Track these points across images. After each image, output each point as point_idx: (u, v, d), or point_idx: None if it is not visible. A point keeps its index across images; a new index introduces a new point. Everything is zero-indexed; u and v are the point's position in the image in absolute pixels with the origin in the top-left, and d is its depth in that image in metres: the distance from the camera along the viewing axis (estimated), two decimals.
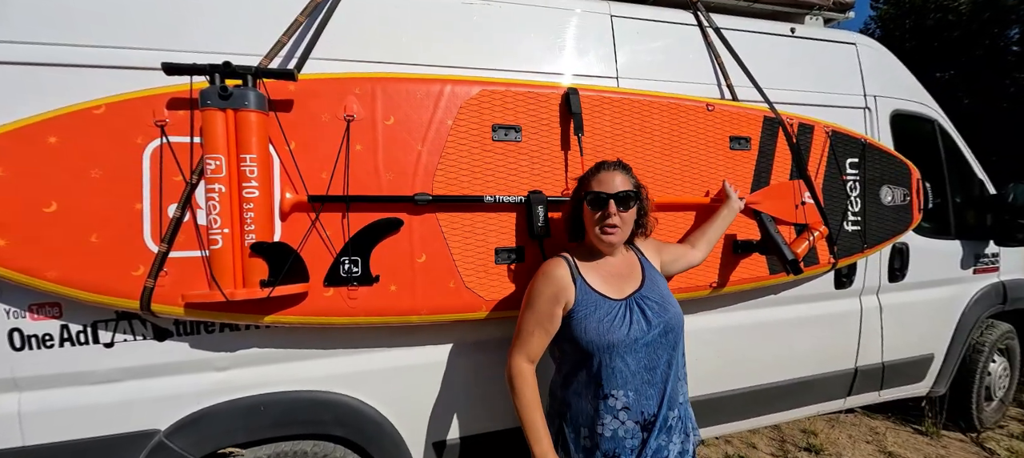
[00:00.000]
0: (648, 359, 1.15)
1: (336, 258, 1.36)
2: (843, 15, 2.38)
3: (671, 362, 1.18)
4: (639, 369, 1.14)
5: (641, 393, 1.15)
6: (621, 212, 1.20)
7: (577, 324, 1.16)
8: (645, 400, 1.15)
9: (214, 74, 1.19)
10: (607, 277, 1.23)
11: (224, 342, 1.43)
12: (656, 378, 1.16)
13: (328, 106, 1.37)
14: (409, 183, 1.43)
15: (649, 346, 1.15)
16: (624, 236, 1.24)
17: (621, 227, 1.21)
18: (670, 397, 1.17)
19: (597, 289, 1.19)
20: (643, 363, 1.15)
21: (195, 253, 1.27)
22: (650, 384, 1.15)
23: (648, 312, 1.17)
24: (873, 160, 2.09)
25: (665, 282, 1.31)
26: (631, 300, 1.19)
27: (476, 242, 1.50)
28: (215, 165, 1.18)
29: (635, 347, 1.13)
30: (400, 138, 1.42)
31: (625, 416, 1.14)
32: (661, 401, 1.16)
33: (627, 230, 1.24)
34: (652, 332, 1.15)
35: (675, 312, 1.21)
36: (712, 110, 1.77)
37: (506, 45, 1.69)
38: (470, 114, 1.49)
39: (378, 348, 1.57)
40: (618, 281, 1.23)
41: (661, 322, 1.16)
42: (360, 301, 1.39)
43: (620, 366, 1.13)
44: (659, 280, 1.28)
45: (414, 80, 1.46)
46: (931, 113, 2.49)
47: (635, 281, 1.25)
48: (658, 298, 1.20)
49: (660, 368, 1.16)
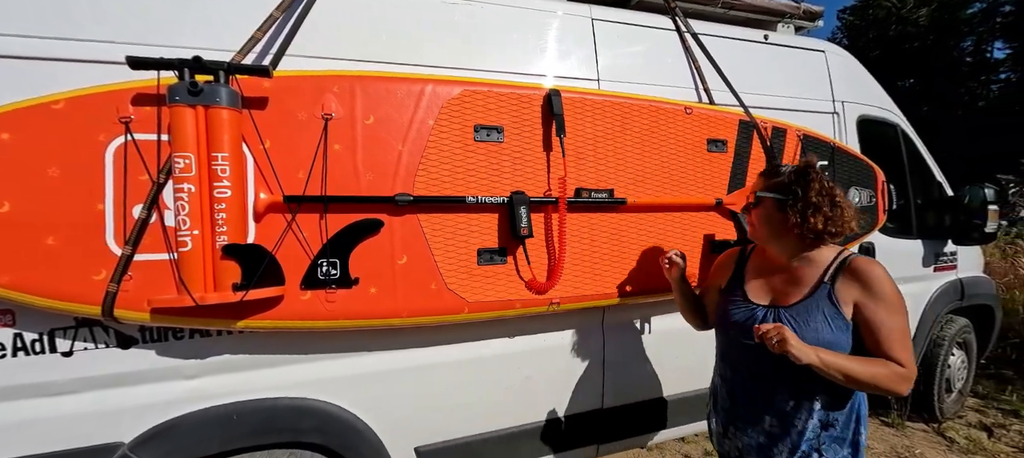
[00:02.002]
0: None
1: (314, 260, 1.32)
2: (813, 23, 2.48)
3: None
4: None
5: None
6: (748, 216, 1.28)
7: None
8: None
9: (183, 69, 1.14)
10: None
11: (194, 348, 1.37)
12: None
13: (305, 104, 1.33)
14: (389, 183, 1.40)
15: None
16: (758, 237, 1.25)
17: (753, 228, 1.26)
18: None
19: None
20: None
21: (162, 256, 1.21)
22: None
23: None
24: (841, 163, 2.17)
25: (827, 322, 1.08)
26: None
27: (458, 243, 1.49)
28: (184, 163, 1.13)
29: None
30: (380, 138, 1.40)
31: None
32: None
33: (758, 232, 1.24)
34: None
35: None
36: (690, 113, 1.81)
37: (488, 46, 1.69)
38: (452, 114, 1.48)
39: (358, 352, 1.53)
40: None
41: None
42: (339, 304, 1.35)
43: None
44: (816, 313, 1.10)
45: (395, 79, 1.44)
46: (894, 118, 2.61)
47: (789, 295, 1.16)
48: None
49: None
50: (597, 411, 1.88)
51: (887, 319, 1.05)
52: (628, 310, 1.87)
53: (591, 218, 1.65)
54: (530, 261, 1.55)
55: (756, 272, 1.26)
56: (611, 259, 1.68)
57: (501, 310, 1.54)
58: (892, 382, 1.02)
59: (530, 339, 1.74)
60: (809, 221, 1.09)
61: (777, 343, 0.97)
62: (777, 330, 0.98)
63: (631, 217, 1.72)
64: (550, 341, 1.77)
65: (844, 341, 1.07)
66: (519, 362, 1.72)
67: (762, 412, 1.16)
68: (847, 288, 1.08)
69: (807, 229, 1.10)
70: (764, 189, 1.19)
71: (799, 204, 1.11)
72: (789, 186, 1.14)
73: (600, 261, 1.66)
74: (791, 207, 1.12)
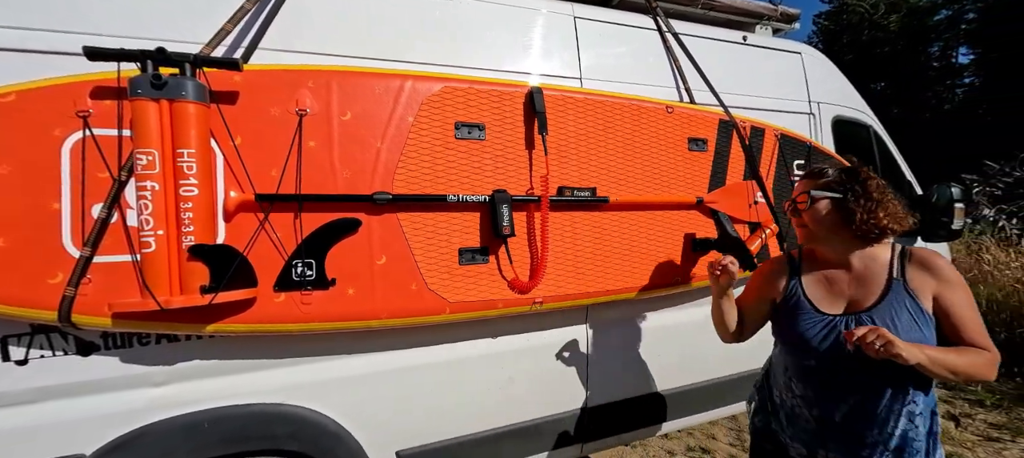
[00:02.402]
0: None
1: (288, 261, 1.28)
2: (789, 26, 2.53)
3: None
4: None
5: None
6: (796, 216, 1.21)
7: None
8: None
9: (146, 61, 1.08)
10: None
11: (161, 354, 1.31)
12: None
13: (278, 99, 1.29)
14: (368, 181, 1.37)
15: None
16: (812, 237, 1.18)
17: (805, 229, 1.20)
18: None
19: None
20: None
21: (124, 257, 1.15)
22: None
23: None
24: (817, 162, 2.22)
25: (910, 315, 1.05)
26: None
27: (439, 242, 1.46)
28: (147, 160, 1.07)
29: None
30: (358, 134, 1.36)
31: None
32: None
33: (813, 233, 1.18)
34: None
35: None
36: (671, 112, 1.82)
37: (469, 42, 1.67)
38: (432, 111, 1.45)
39: (336, 355, 1.49)
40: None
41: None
42: (315, 306, 1.31)
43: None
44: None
45: (373, 74, 1.40)
46: (867, 120, 2.69)
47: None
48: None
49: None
50: (581, 410, 1.87)
51: (967, 307, 1.04)
52: (612, 308, 1.87)
53: (574, 216, 1.65)
54: (512, 260, 1.53)
55: (814, 280, 1.18)
56: (594, 258, 1.68)
57: (483, 310, 1.51)
58: (988, 369, 1.00)
59: (513, 339, 1.72)
60: (877, 216, 1.07)
61: (882, 347, 0.90)
62: (875, 333, 0.92)
63: (614, 215, 1.72)
64: (533, 341, 1.76)
65: (931, 335, 1.04)
66: (502, 362, 1.71)
67: (864, 425, 1.07)
68: (921, 280, 1.06)
69: (872, 225, 1.07)
70: (818, 189, 1.15)
71: (861, 201, 1.08)
72: (846, 184, 1.11)
73: (583, 260, 1.66)
74: (854, 204, 1.08)
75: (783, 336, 1.23)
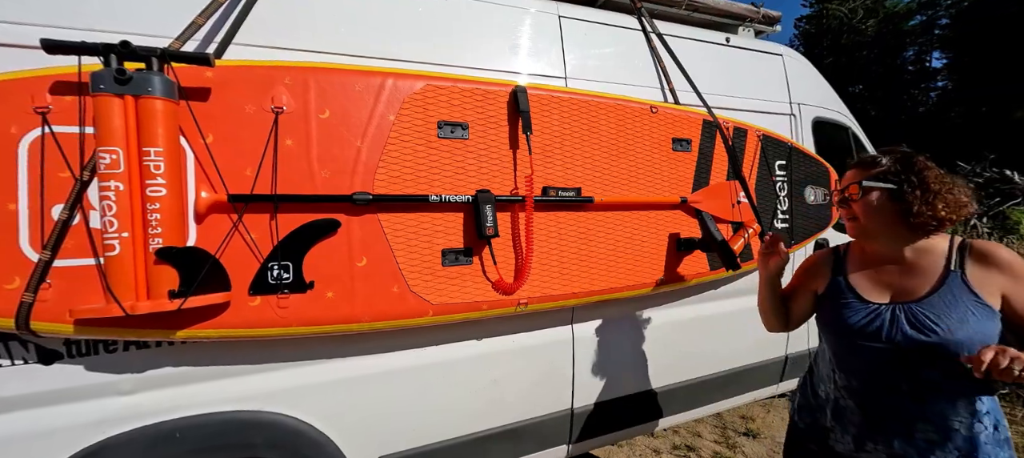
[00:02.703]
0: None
1: (263, 264, 1.24)
2: (771, 28, 2.56)
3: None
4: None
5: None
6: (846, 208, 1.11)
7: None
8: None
9: (109, 54, 1.03)
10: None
11: (130, 362, 1.25)
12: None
13: (253, 96, 1.24)
14: (347, 181, 1.33)
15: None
16: (865, 230, 1.10)
17: (856, 222, 1.10)
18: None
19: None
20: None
21: (87, 261, 1.10)
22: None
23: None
24: (798, 162, 2.26)
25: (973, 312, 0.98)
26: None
27: (421, 244, 1.43)
28: (111, 159, 1.02)
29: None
30: (337, 133, 1.33)
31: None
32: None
33: (866, 225, 1.09)
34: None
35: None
36: (656, 112, 1.82)
37: (452, 40, 1.64)
38: (414, 109, 1.42)
39: (316, 360, 1.45)
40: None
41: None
42: (292, 310, 1.27)
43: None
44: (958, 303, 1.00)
45: (352, 72, 1.37)
46: (846, 121, 2.74)
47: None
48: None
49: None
50: (567, 411, 1.87)
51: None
52: (597, 308, 1.87)
53: (558, 217, 1.64)
54: (496, 261, 1.52)
55: (861, 270, 1.13)
56: (579, 258, 1.67)
57: (467, 312, 1.49)
58: None
59: (498, 341, 1.70)
60: (935, 208, 1.00)
61: (1022, 371, 0.82)
62: (1007, 355, 0.83)
63: (599, 216, 1.71)
64: (518, 342, 1.74)
65: (994, 329, 0.97)
66: (487, 364, 1.69)
67: (914, 419, 1.02)
68: (984, 274, 1.00)
69: (929, 218, 1.00)
70: (871, 179, 1.06)
71: (917, 191, 1.01)
72: (902, 174, 1.04)
73: (568, 260, 1.65)
74: (911, 195, 1.01)
75: (826, 327, 1.17)
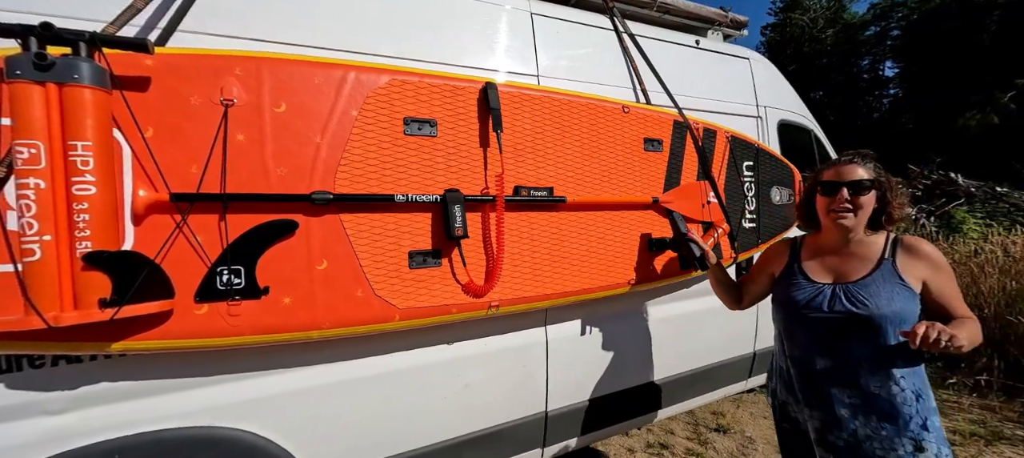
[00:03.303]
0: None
1: (211, 268, 1.15)
2: (739, 32, 2.62)
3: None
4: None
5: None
6: (854, 198, 1.22)
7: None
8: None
9: (28, 37, 0.93)
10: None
11: (59, 378, 1.14)
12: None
13: (200, 87, 1.15)
14: (306, 180, 1.25)
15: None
16: (860, 220, 1.23)
17: (861, 209, 1.22)
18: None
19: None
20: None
21: (3, 267, 0.98)
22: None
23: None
24: (765, 164, 2.31)
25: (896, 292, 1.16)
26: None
27: (387, 245, 1.37)
28: (30, 154, 0.92)
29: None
30: (294, 128, 1.25)
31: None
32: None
33: (864, 215, 1.22)
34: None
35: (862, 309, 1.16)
36: (628, 112, 1.82)
37: (420, 35, 1.59)
38: (379, 105, 1.36)
39: (273, 370, 1.36)
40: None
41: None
42: (244, 318, 1.18)
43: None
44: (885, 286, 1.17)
45: (311, 63, 1.29)
46: (809, 124, 2.84)
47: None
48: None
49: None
50: (541, 414, 1.84)
51: (952, 285, 1.17)
52: (571, 310, 1.85)
53: (530, 217, 1.60)
54: (466, 263, 1.47)
55: (811, 256, 1.33)
56: (552, 259, 1.64)
57: (436, 316, 1.44)
58: (980, 335, 1.12)
59: (469, 344, 1.65)
60: (901, 208, 1.22)
61: (948, 341, 0.98)
62: (935, 328, 0.99)
63: (571, 216, 1.69)
64: (491, 345, 1.70)
65: (915, 308, 1.15)
66: (458, 369, 1.63)
67: (846, 384, 1.18)
68: (912, 263, 1.18)
69: (897, 216, 1.22)
70: (874, 178, 1.22)
71: (895, 194, 1.21)
72: (885, 181, 1.22)
73: (540, 261, 1.62)
74: (891, 195, 1.21)
75: (779, 304, 1.36)
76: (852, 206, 1.21)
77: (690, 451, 2.66)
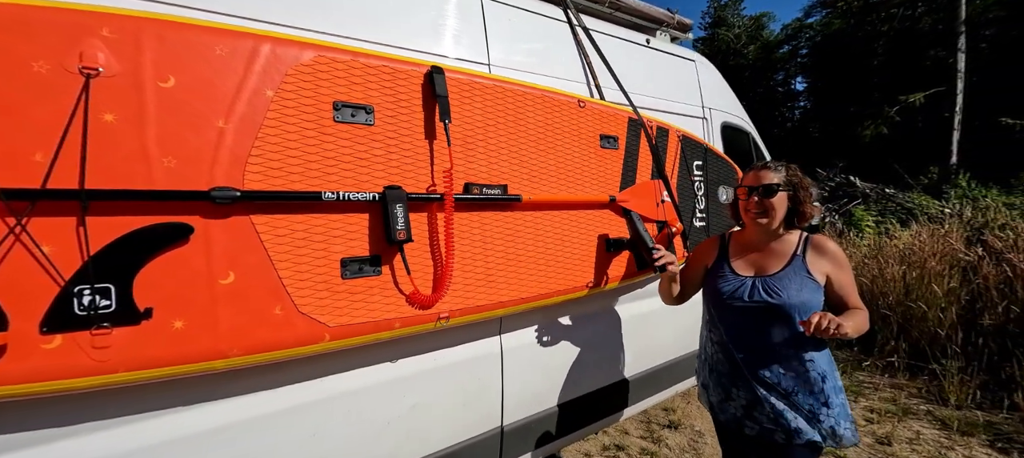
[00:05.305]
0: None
1: (65, 287, 0.87)
2: (685, 34, 2.67)
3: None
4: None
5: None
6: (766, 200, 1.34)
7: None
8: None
9: None
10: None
11: None
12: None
13: (47, 51, 0.87)
14: (205, 173, 1.01)
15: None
16: (772, 221, 1.34)
17: (772, 211, 1.33)
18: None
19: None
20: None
21: None
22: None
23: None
24: (713, 163, 2.36)
25: (805, 285, 1.30)
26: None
27: (314, 252, 1.15)
28: None
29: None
30: (188, 109, 1.00)
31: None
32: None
33: (776, 216, 1.33)
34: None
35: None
36: (583, 107, 1.74)
37: (355, 10, 1.38)
38: (301, 85, 1.14)
39: (165, 410, 1.09)
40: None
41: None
42: (117, 349, 0.92)
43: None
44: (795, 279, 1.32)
45: (211, 30, 1.05)
46: (747, 127, 2.97)
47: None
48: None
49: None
50: (497, 430, 1.69)
51: (849, 280, 1.33)
52: (528, 316, 1.73)
53: (483, 217, 1.46)
54: (411, 271, 1.29)
55: (737, 252, 1.45)
56: (507, 263, 1.51)
57: (376, 333, 1.24)
58: (867, 323, 1.28)
59: (415, 361, 1.47)
60: (813, 209, 1.36)
61: (836, 329, 1.11)
62: (826, 318, 1.12)
63: (527, 216, 1.57)
64: (440, 360, 1.53)
65: (819, 299, 1.30)
66: (403, 389, 1.44)
67: (762, 366, 1.31)
68: (818, 260, 1.33)
69: (809, 216, 1.35)
70: (786, 181, 1.34)
71: (806, 196, 1.35)
72: (799, 182, 1.34)
73: (494, 266, 1.48)
74: (804, 197, 1.34)
75: (708, 294, 1.49)
76: (764, 208, 1.33)
77: (644, 450, 2.65)
